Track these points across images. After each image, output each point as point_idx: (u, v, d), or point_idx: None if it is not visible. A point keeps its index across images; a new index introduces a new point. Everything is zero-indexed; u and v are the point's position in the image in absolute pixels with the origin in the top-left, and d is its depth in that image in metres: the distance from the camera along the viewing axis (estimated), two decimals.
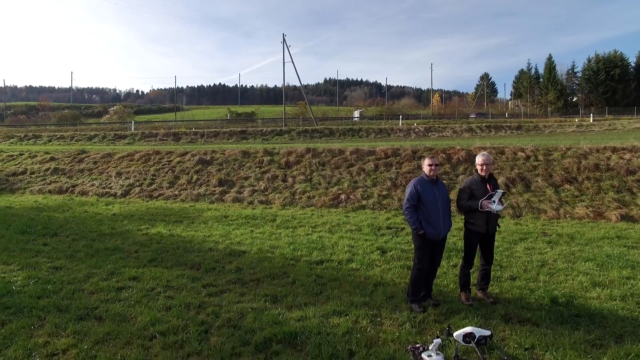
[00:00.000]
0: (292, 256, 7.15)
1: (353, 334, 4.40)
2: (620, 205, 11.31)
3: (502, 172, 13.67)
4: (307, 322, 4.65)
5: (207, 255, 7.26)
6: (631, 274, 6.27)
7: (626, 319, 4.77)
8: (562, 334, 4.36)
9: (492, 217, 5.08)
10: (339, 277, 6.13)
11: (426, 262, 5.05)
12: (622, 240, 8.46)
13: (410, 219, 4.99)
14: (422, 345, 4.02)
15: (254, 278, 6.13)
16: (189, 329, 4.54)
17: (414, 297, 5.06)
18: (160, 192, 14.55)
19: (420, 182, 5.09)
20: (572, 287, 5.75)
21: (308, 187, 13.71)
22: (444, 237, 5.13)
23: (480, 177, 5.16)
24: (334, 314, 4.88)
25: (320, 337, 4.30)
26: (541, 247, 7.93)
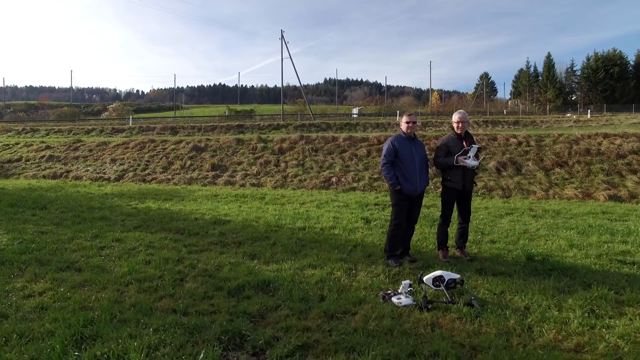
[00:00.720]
0: (276, 224, 7.22)
1: (326, 282, 4.45)
2: (609, 187, 11.37)
3: (493, 157, 13.74)
4: (281, 273, 4.71)
5: (192, 223, 7.33)
6: (610, 239, 6.33)
7: (597, 272, 4.83)
8: (532, 282, 4.42)
9: (469, 174, 5.14)
10: (319, 240, 6.19)
11: (403, 217, 5.11)
12: (606, 215, 8.52)
13: (387, 175, 5.05)
14: (394, 291, 4.07)
15: (236, 241, 6.19)
16: (165, 277, 4.60)
17: (391, 253, 5.12)
18: (154, 177, 14.62)
19: (398, 139, 5.15)
20: (550, 249, 5.80)
21: (300, 171, 13.77)
22: (420, 194, 5.19)
23: (457, 134, 5.22)
24: (309, 267, 4.94)
25: (293, 285, 4.36)
26: (526, 220, 7.99)
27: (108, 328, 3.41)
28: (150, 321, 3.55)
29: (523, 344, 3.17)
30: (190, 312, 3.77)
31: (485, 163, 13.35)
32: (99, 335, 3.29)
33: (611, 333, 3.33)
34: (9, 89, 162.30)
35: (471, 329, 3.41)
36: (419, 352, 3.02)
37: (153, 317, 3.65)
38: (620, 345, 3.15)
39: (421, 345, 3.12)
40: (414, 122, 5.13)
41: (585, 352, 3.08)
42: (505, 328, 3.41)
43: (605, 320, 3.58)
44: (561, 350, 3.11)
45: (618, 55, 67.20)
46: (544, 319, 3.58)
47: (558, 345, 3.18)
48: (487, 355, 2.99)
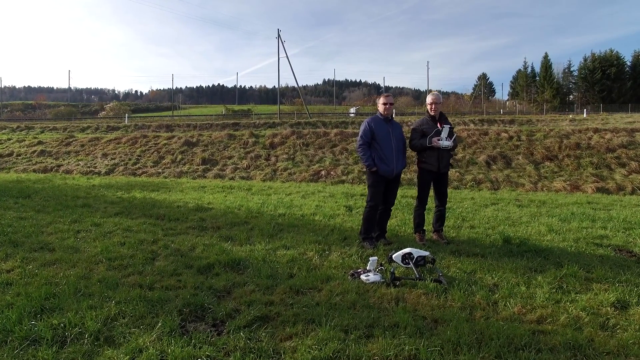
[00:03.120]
0: (258, 211, 7.19)
1: (297, 261, 4.43)
2: (598, 179, 11.38)
3: (484, 151, 13.73)
4: (254, 253, 4.68)
5: (174, 210, 7.30)
6: (590, 225, 6.32)
7: (572, 253, 4.82)
8: (505, 262, 4.40)
9: (444, 155, 5.11)
10: (298, 224, 6.16)
11: (379, 199, 5.08)
12: (591, 205, 8.51)
13: (364, 156, 5.03)
14: (363, 270, 4.04)
15: (215, 225, 6.16)
16: (137, 256, 4.58)
17: (366, 235, 5.09)
18: (144, 170, 14.58)
19: (374, 120, 5.12)
20: (529, 233, 5.79)
21: (290, 164, 13.75)
22: (397, 175, 5.16)
23: (431, 116, 5.19)
24: (282, 248, 4.91)
25: (264, 263, 4.34)
26: (510, 209, 7.97)
27: (70, 301, 3.38)
28: (114, 295, 3.52)
29: (486, 317, 3.15)
30: (156, 287, 3.74)
31: (476, 157, 13.35)
32: (60, 307, 3.26)
33: (575, 306, 3.31)
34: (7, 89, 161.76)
35: (436, 303, 3.38)
36: (378, 324, 2.99)
37: (118, 291, 3.62)
38: (581, 317, 3.13)
39: (382, 318, 3.09)
40: (390, 103, 5.11)
41: (546, 323, 3.06)
42: (471, 302, 3.39)
43: (572, 295, 3.56)
44: (523, 322, 3.09)
45: (615, 56, 67.27)
46: (511, 294, 3.56)
47: (521, 317, 3.15)
48: (448, 327, 2.96)
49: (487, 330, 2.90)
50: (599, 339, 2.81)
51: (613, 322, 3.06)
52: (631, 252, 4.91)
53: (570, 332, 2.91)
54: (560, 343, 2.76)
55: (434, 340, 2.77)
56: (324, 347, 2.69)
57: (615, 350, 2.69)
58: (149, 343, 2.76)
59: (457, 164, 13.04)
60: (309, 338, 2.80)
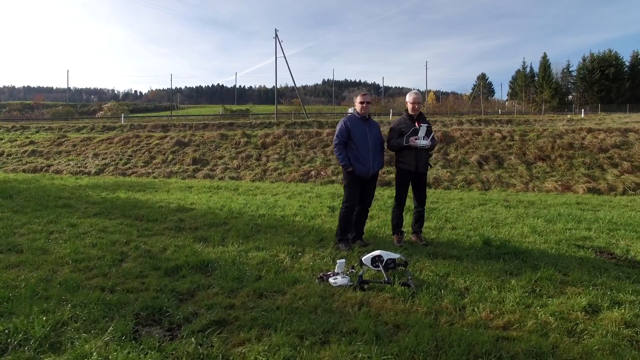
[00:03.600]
0: (239, 211, 7.08)
1: (267, 263, 4.32)
2: (590, 180, 11.27)
3: (476, 150, 13.62)
4: (224, 255, 4.58)
5: (155, 210, 7.19)
6: (575, 226, 6.21)
7: (551, 255, 4.71)
8: (480, 265, 4.29)
9: (422, 155, 5.00)
10: (276, 225, 6.06)
11: (355, 199, 4.97)
12: (580, 205, 8.41)
13: (339, 156, 4.91)
14: (333, 273, 3.93)
15: (193, 226, 6.05)
16: (105, 257, 4.47)
17: (342, 237, 4.98)
18: (134, 170, 14.48)
19: (351, 119, 5.01)
20: (512, 235, 5.68)
21: (281, 164, 13.65)
22: (374, 176, 5.05)
23: (409, 115, 5.08)
24: (255, 249, 4.80)
25: (233, 265, 4.23)
26: (497, 210, 7.86)
27: (24, 305, 3.26)
28: (72, 298, 3.41)
29: (450, 323, 3.04)
30: (117, 290, 3.63)
31: (468, 157, 13.24)
32: (11, 312, 3.15)
33: (544, 311, 3.20)
34: (6, 89, 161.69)
35: (401, 308, 3.27)
36: (336, 329, 2.88)
37: (77, 294, 3.51)
38: (549, 322, 3.02)
39: (342, 323, 2.98)
40: (367, 102, 4.99)
41: (512, 329, 2.95)
42: (437, 307, 3.28)
43: (544, 299, 3.45)
44: (489, 328, 2.98)
45: (614, 56, 67.15)
46: (481, 299, 3.45)
47: (487, 323, 3.04)
48: (408, 333, 2.85)
49: (449, 336, 2.79)
50: (564, 346, 2.70)
51: (581, 328, 2.95)
52: (612, 254, 4.81)
53: (535, 338, 2.80)
54: (523, 350, 2.65)
55: (392, 347, 2.66)
56: (275, 353, 2.59)
57: (579, 357, 2.58)
58: (95, 349, 2.65)
59: (449, 164, 12.93)
60: (261, 344, 2.70)
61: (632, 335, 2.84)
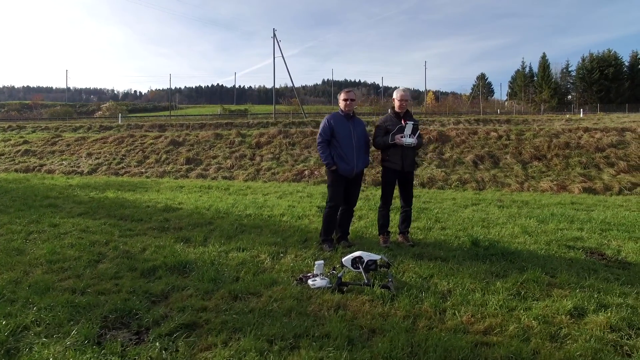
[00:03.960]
0: (226, 211, 6.96)
1: (247, 264, 4.20)
2: (585, 179, 11.15)
3: (472, 150, 13.51)
4: (204, 255, 4.46)
5: (141, 210, 7.07)
6: (567, 226, 6.09)
7: (540, 256, 4.59)
8: (466, 267, 4.17)
9: (408, 153, 4.88)
10: (262, 225, 5.94)
11: (339, 199, 4.85)
12: (575, 205, 8.29)
13: (323, 154, 4.79)
14: (313, 274, 3.81)
15: (177, 226, 5.93)
16: (82, 258, 4.35)
17: (326, 237, 4.86)
18: (127, 170, 14.36)
19: (335, 117, 4.89)
20: (502, 235, 5.56)
21: (274, 164, 13.53)
22: (358, 175, 4.93)
23: (395, 112, 4.96)
24: (236, 250, 4.69)
25: (211, 266, 4.11)
26: (490, 210, 7.74)
27: None
28: (40, 300, 3.30)
29: (429, 327, 2.92)
30: (88, 292, 3.52)
31: (463, 157, 13.12)
32: None
33: (528, 315, 3.08)
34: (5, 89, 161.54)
35: (379, 311, 3.15)
36: (308, 334, 2.77)
37: (46, 296, 3.40)
38: (532, 326, 2.90)
39: (315, 327, 2.86)
40: (352, 99, 4.87)
41: (493, 334, 2.83)
42: (417, 311, 3.16)
43: (528, 302, 3.33)
44: (469, 332, 2.86)
45: (613, 56, 67.04)
46: (463, 302, 3.33)
47: (467, 328, 2.92)
48: (383, 338, 2.73)
49: (426, 342, 2.67)
50: (545, 351, 2.58)
51: (565, 332, 2.83)
52: (603, 255, 4.69)
53: (516, 343, 2.68)
54: (502, 356, 2.53)
55: (364, 353, 2.54)
56: (241, 359, 2.47)
57: None
58: (53, 355, 2.53)
59: (444, 164, 12.81)
60: (227, 349, 2.58)
61: (617, 339, 2.73)
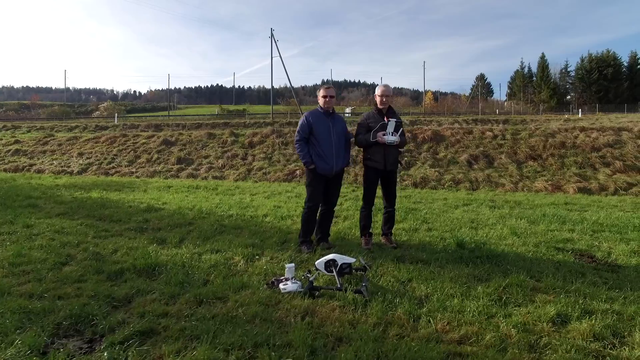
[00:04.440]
0: (209, 211, 6.78)
1: (219, 267, 4.02)
2: (581, 179, 10.97)
3: (466, 150, 13.32)
4: (176, 257, 4.28)
5: (123, 210, 6.88)
6: (558, 227, 5.91)
7: (527, 259, 4.41)
8: (448, 270, 3.99)
9: (391, 152, 4.70)
10: (243, 226, 5.76)
11: (317, 199, 4.67)
12: (568, 205, 8.11)
13: (301, 153, 4.62)
14: (286, 277, 3.63)
15: (156, 227, 5.74)
16: (48, 261, 4.17)
17: (304, 239, 4.68)
18: (117, 170, 14.17)
19: (314, 114, 4.71)
20: (489, 236, 5.37)
21: (266, 164, 13.35)
22: (338, 174, 4.75)
23: (378, 109, 4.78)
24: (211, 252, 4.50)
25: (181, 269, 3.93)
26: (481, 210, 7.56)
27: None
28: None
29: (400, 335, 2.74)
30: (46, 296, 3.33)
31: (457, 156, 12.94)
32: None
33: (508, 322, 2.90)
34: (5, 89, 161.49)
35: (349, 318, 2.97)
36: (269, 342, 2.58)
37: None
38: (511, 335, 2.72)
39: (277, 335, 2.68)
40: (331, 96, 4.69)
41: (468, 344, 2.65)
42: (389, 318, 2.97)
43: (509, 308, 3.15)
44: (442, 342, 2.68)
45: (612, 56, 66.86)
46: (440, 308, 3.14)
47: (441, 336, 2.74)
48: (349, 347, 2.55)
49: (394, 352, 2.49)
50: None
51: (545, 342, 2.65)
52: (592, 257, 4.51)
53: (491, 354, 2.50)
54: None
55: None
56: None
57: None
58: None
59: (437, 164, 12.62)
60: (180, 358, 2.40)
61: (599, 349, 2.55)
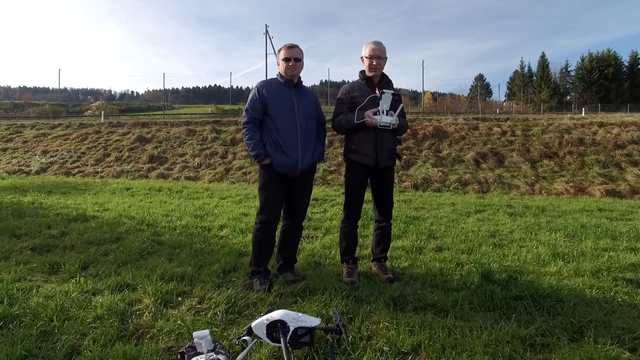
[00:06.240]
0: (153, 221, 5.25)
1: (107, 320, 2.48)
2: (607, 180, 9.49)
3: (472, 147, 11.83)
4: (49, 302, 2.73)
5: (43, 220, 5.33)
6: (612, 244, 4.40)
7: (595, 302, 2.89)
8: (477, 327, 2.47)
9: (386, 140, 3.18)
10: (185, 243, 4.23)
11: (274, 210, 3.13)
12: (604, 213, 6.61)
13: (250, 140, 3.07)
14: (197, 351, 2.09)
15: (68, 245, 4.21)
16: None
17: (256, 268, 3.14)
18: (81, 170, 12.62)
19: (269, 84, 3.15)
20: (522, 260, 3.86)
21: (247, 162, 11.82)
22: (305, 173, 3.20)
23: (366, 77, 3.24)
24: (111, 289, 2.96)
25: (45, 324, 2.40)
26: (499, 219, 6.06)
27: None
28: None
29: None
30: None
31: (463, 154, 11.44)
32: None
33: None
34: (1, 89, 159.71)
35: None
36: None
37: None
38: None
39: None
40: (296, 58, 3.14)
41: None
42: None
43: None
44: None
45: (612, 56, 65.64)
46: None
47: None
48: None
49: None
50: None
51: None
52: None
53: None
54: None
55: None
56: None
57: None
58: None
59: (441, 163, 11.12)
60: None
61: None
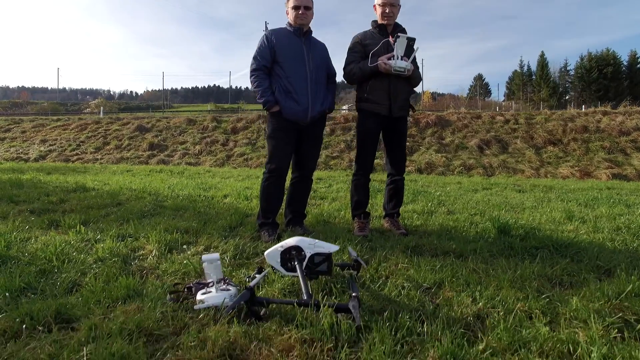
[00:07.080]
0: (154, 191, 5.12)
1: (109, 262, 2.36)
2: (612, 165, 9.40)
3: (476, 134, 11.73)
4: (49, 247, 2.60)
5: (41, 190, 5.19)
6: (626, 211, 4.29)
7: (618, 252, 2.77)
8: (501, 267, 2.35)
9: (400, 87, 3.06)
10: (187, 206, 4.10)
11: (283, 160, 3.01)
12: (613, 190, 6.51)
13: (259, 87, 2.95)
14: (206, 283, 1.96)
15: (68, 209, 4.07)
16: None
17: (264, 220, 3.02)
18: (81, 157, 12.49)
19: (278, 33, 3.04)
20: (538, 221, 3.75)
21: (248, 150, 11.69)
22: (315, 122, 3.09)
23: (379, 25, 3.12)
24: (115, 237, 2.84)
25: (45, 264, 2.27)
26: (508, 194, 5.95)
27: None
28: None
29: None
30: None
31: (466, 141, 11.34)
32: None
33: None
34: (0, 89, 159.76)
35: None
36: None
37: None
38: None
39: None
40: (306, 6, 3.02)
41: None
42: None
43: None
44: None
45: (611, 56, 65.71)
46: (515, 342, 1.50)
47: None
48: None
49: None
50: None
51: None
52: None
53: None
54: None
55: None
56: None
57: None
58: None
59: (444, 149, 11.01)
60: None
61: None
